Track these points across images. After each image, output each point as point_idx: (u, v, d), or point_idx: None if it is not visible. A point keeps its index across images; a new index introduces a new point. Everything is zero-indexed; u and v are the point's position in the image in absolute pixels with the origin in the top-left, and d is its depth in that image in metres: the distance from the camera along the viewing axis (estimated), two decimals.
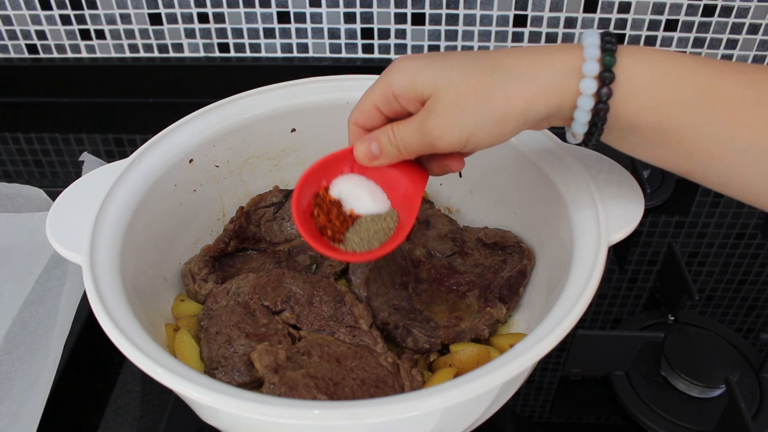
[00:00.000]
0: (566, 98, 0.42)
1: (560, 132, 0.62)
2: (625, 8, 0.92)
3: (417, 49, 0.99)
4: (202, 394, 0.42)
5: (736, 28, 0.93)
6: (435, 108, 0.44)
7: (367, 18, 0.96)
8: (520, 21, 0.94)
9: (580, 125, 0.43)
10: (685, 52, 0.97)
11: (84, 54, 1.03)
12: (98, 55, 1.03)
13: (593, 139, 0.44)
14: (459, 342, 0.59)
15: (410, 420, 0.44)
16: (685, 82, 0.41)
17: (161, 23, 0.98)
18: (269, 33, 0.99)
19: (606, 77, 0.41)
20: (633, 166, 0.82)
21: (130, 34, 1.00)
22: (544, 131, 0.62)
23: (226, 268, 0.65)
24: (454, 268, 0.65)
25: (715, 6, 0.90)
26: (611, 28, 0.96)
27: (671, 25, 0.94)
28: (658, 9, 0.92)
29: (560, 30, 0.95)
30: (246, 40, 1.00)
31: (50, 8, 0.97)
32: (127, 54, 1.02)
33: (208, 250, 0.64)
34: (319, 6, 0.95)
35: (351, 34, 0.98)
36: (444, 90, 0.43)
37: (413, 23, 0.96)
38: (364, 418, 0.41)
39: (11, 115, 1.05)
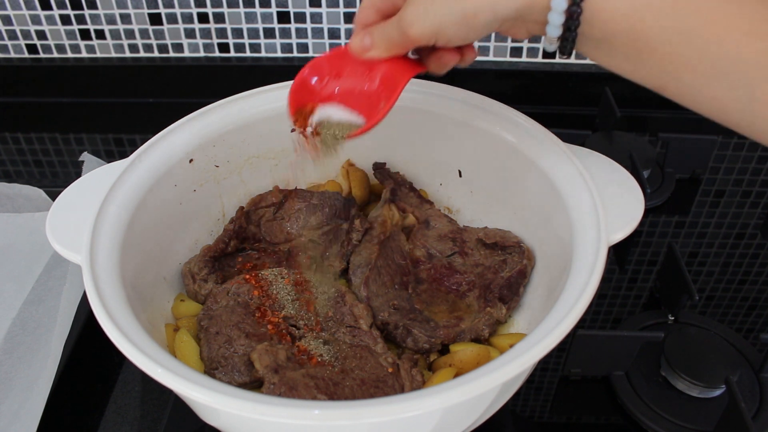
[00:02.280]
0: None
1: (561, 132, 0.62)
2: None
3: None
4: (202, 394, 0.42)
5: None
6: (409, 0, 0.46)
7: None
8: None
9: (554, 28, 0.43)
10: None
11: (84, 54, 1.03)
12: (98, 55, 1.03)
13: (568, 45, 0.44)
14: (459, 342, 0.59)
15: (410, 420, 0.44)
16: None
17: (161, 23, 0.98)
18: (269, 33, 0.99)
19: None
20: (633, 166, 0.82)
21: (130, 34, 1.00)
22: (544, 131, 0.62)
23: (226, 268, 0.65)
24: (454, 268, 0.65)
25: None
26: None
27: None
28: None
29: None
30: (246, 40, 1.00)
31: (50, 8, 0.97)
32: (127, 54, 1.02)
33: (208, 250, 0.64)
34: (319, 6, 0.95)
35: (351, 34, 0.98)
36: None
37: None
38: (364, 418, 0.41)
39: (11, 115, 1.05)
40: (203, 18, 0.98)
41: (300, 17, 0.97)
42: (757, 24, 0.38)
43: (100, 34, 1.00)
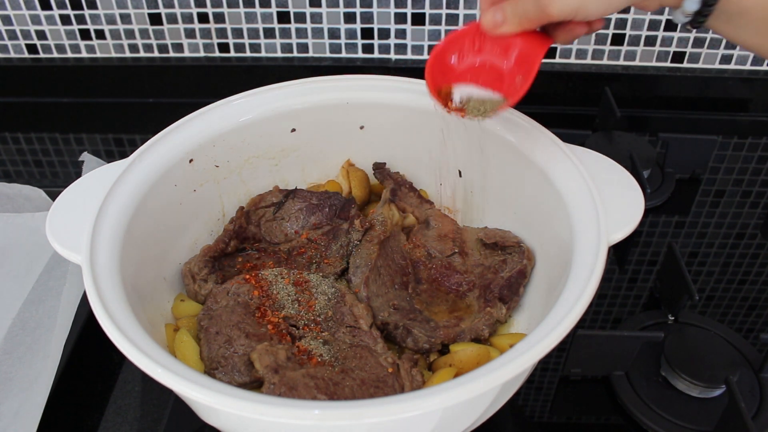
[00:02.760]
0: None
1: (561, 132, 0.62)
2: (624, 9, 0.92)
3: (417, 48, 0.99)
4: (202, 394, 0.42)
5: None
6: None
7: (367, 18, 0.96)
8: None
9: (692, 2, 0.44)
10: (685, 53, 0.97)
11: (84, 54, 1.03)
12: (98, 55, 1.03)
13: (702, 18, 0.45)
14: (459, 342, 0.59)
15: (410, 420, 0.44)
16: None
17: (161, 23, 0.98)
18: (269, 33, 0.99)
19: None
20: (633, 166, 0.82)
21: (130, 34, 1.00)
22: (544, 131, 0.62)
23: (226, 268, 0.65)
24: (454, 268, 0.65)
25: None
26: (611, 28, 0.96)
27: (671, 26, 0.94)
28: (659, 9, 0.91)
29: None
30: (246, 40, 1.00)
31: (50, 8, 0.97)
32: (127, 54, 1.02)
33: (208, 250, 0.64)
34: (319, 6, 0.95)
35: (351, 34, 0.98)
36: None
37: (413, 23, 0.96)
38: (364, 418, 0.41)
39: (11, 115, 1.05)
40: (203, 18, 0.98)
41: (300, 17, 0.97)
42: None
43: (100, 34, 1.00)
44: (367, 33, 0.98)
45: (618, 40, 0.97)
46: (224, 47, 1.01)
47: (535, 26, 0.51)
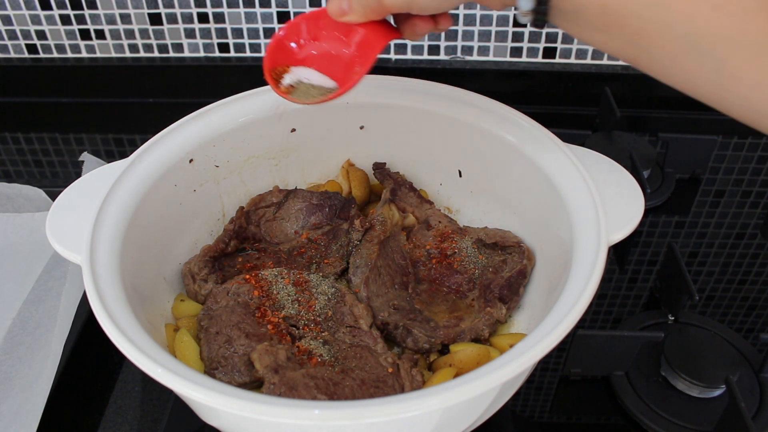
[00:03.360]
0: None
1: (561, 132, 0.62)
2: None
3: (417, 48, 0.99)
4: (202, 394, 0.42)
5: None
6: None
7: None
8: None
9: (527, 1, 0.44)
10: None
11: (84, 54, 1.03)
12: (98, 55, 1.03)
13: (541, 17, 0.45)
14: (459, 342, 0.59)
15: (410, 420, 0.44)
16: None
17: (161, 23, 0.98)
18: (269, 33, 0.99)
19: None
20: (633, 166, 0.82)
21: (130, 34, 1.00)
22: (544, 131, 0.62)
23: (226, 268, 0.65)
24: (454, 268, 0.65)
25: None
26: None
27: None
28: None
29: (560, 30, 0.95)
30: (246, 40, 1.00)
31: (50, 8, 0.97)
32: (127, 54, 1.02)
33: (208, 250, 0.64)
34: (319, 6, 0.95)
35: None
36: None
37: None
38: (364, 418, 0.41)
39: (11, 115, 1.05)
40: (203, 18, 0.98)
41: None
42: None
43: (100, 34, 1.00)
44: None
45: None
46: (224, 47, 1.01)
47: (379, 17, 0.50)
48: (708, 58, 0.39)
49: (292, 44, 0.56)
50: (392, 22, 0.54)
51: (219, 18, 0.97)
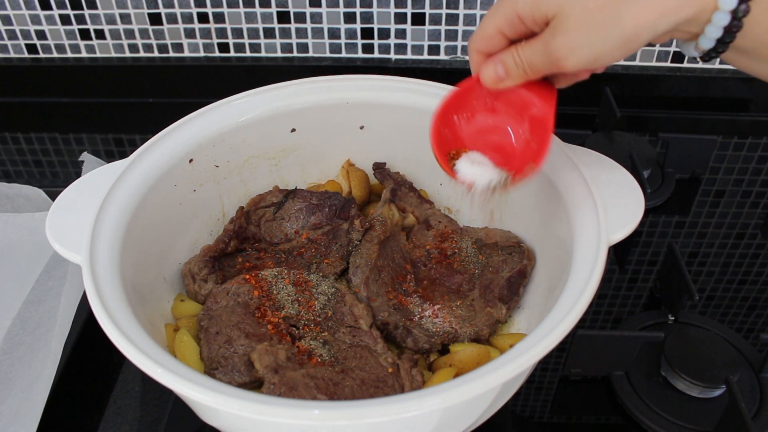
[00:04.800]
0: (700, 12, 0.41)
1: (561, 132, 0.62)
2: None
3: (417, 49, 0.99)
4: (202, 394, 0.42)
5: None
6: (560, 27, 0.43)
7: (367, 18, 0.96)
8: None
9: (708, 41, 0.43)
10: None
11: (84, 54, 1.03)
12: (98, 55, 1.03)
13: (715, 54, 0.44)
14: (459, 342, 0.59)
15: (410, 420, 0.44)
16: None
17: (161, 23, 0.98)
18: (269, 33, 0.99)
19: None
20: (633, 166, 0.82)
21: (130, 34, 1.00)
22: None
23: (226, 268, 0.65)
24: (454, 268, 0.65)
25: None
26: None
27: None
28: None
29: None
30: (246, 40, 1.00)
31: (50, 8, 0.97)
32: (127, 54, 1.02)
33: (208, 250, 0.64)
34: (319, 6, 0.95)
35: (351, 34, 0.98)
36: (570, 8, 0.42)
37: (413, 23, 0.96)
38: (364, 418, 0.41)
39: (11, 115, 1.05)
40: (203, 18, 0.98)
41: (300, 17, 0.97)
42: None
43: (100, 34, 1.00)
44: (367, 33, 0.98)
45: None
46: (224, 47, 1.01)
47: (540, 77, 0.48)
48: None
49: (456, 119, 0.53)
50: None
51: (219, 18, 0.97)
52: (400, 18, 0.96)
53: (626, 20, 0.41)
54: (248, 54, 1.02)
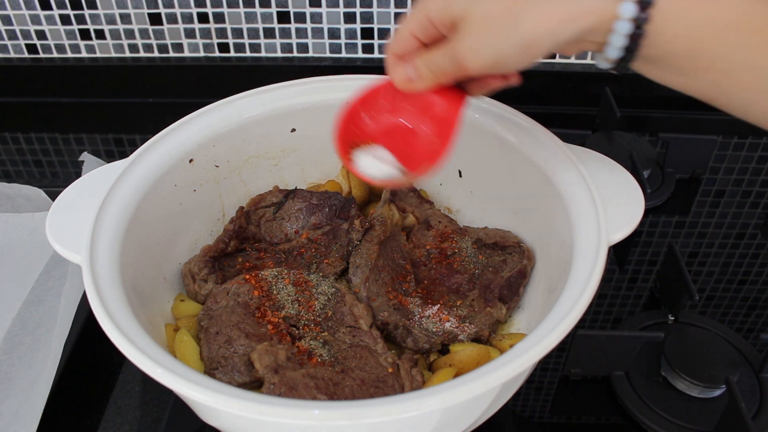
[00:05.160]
0: (601, 21, 0.42)
1: (560, 132, 0.62)
2: None
3: None
4: (202, 394, 0.42)
5: None
6: (465, 30, 0.44)
7: (367, 18, 0.96)
8: None
9: (614, 50, 0.43)
10: None
11: (84, 54, 1.03)
12: (98, 55, 1.03)
13: (625, 64, 0.44)
14: (459, 342, 0.59)
15: (410, 420, 0.44)
16: (721, 9, 0.40)
17: (161, 23, 0.98)
18: (269, 33, 0.99)
19: (645, 1, 0.40)
20: (633, 166, 0.82)
21: (130, 34, 1.00)
22: (544, 131, 0.62)
23: (226, 268, 0.65)
24: (454, 268, 0.65)
25: None
26: None
27: None
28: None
29: None
30: (246, 40, 1.00)
31: (50, 8, 0.97)
32: (127, 54, 1.02)
33: (208, 250, 0.64)
34: (319, 6, 0.95)
35: (351, 34, 0.98)
36: (474, 11, 0.43)
37: None
38: (364, 418, 0.41)
39: (11, 115, 1.05)
40: (203, 18, 0.98)
41: (300, 17, 0.97)
42: None
43: (100, 34, 1.00)
44: (367, 33, 0.98)
45: None
46: (224, 47, 1.01)
47: (452, 81, 0.48)
48: None
49: (364, 116, 0.54)
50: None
51: (219, 18, 0.97)
52: (401, 18, 0.96)
53: (526, 26, 0.42)
54: (248, 54, 1.02)
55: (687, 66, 0.42)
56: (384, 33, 0.98)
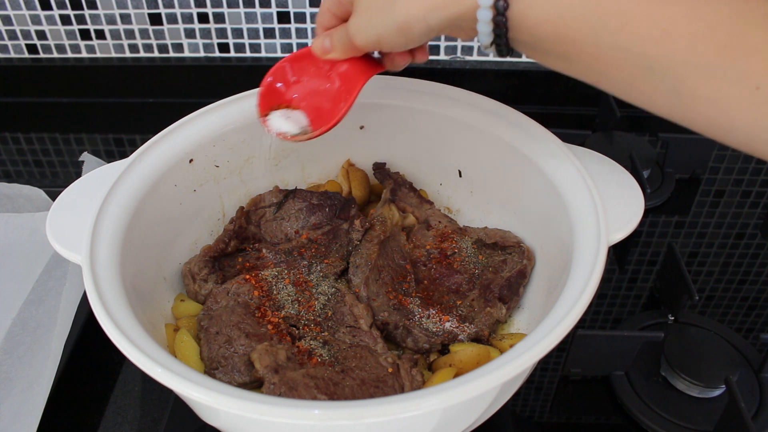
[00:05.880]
0: (467, 10, 0.44)
1: (561, 132, 0.62)
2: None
3: None
4: (202, 394, 0.42)
5: None
6: (355, 10, 0.49)
7: None
8: None
9: (484, 36, 0.45)
10: None
11: (84, 54, 1.03)
12: (98, 55, 1.03)
13: (502, 49, 0.46)
14: (459, 342, 0.59)
15: (410, 420, 0.44)
16: None
17: (161, 23, 0.98)
18: (269, 33, 0.99)
19: None
20: (633, 166, 0.82)
21: (130, 34, 1.00)
22: (544, 131, 0.62)
23: (226, 268, 0.65)
24: (454, 268, 0.65)
25: None
26: None
27: None
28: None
29: None
30: (246, 40, 1.00)
31: (50, 8, 0.97)
32: (127, 54, 1.02)
33: (208, 250, 0.64)
34: (319, 6, 0.95)
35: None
36: None
37: None
38: (364, 418, 0.41)
39: (11, 115, 1.05)
40: (203, 18, 0.98)
41: (300, 17, 0.97)
42: (678, 22, 0.39)
43: (100, 34, 1.00)
44: None
45: None
46: (224, 47, 1.01)
47: (358, 54, 0.53)
48: (664, 79, 0.40)
49: (279, 85, 0.58)
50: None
51: (219, 18, 0.97)
52: None
53: (399, 9, 0.46)
54: (248, 54, 1.02)
55: (560, 51, 0.43)
56: None
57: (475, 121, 0.65)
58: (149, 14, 0.97)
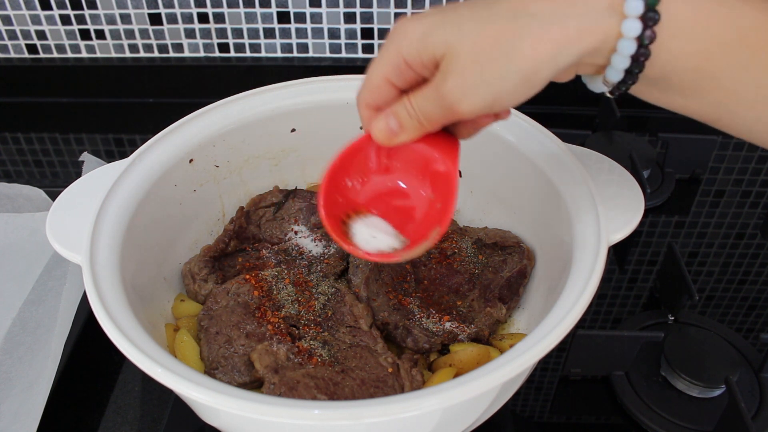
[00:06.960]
0: (604, 41, 0.37)
1: (561, 132, 0.62)
2: None
3: None
4: (202, 394, 0.42)
5: None
6: (450, 68, 0.38)
7: (367, 18, 0.96)
8: None
9: (615, 72, 0.39)
10: None
11: (84, 54, 1.03)
12: (98, 55, 1.03)
13: (625, 87, 0.40)
14: (459, 342, 0.59)
15: (410, 420, 0.44)
16: (729, 24, 0.37)
17: (161, 23, 0.98)
18: (269, 33, 0.99)
19: (650, 18, 0.36)
20: (633, 166, 0.82)
21: (130, 34, 1.00)
22: (544, 131, 0.62)
23: (226, 268, 0.65)
24: (454, 268, 0.65)
25: None
26: None
27: None
28: None
29: None
30: (246, 40, 1.00)
31: (50, 8, 0.97)
32: (127, 54, 1.02)
33: (208, 250, 0.64)
34: (319, 6, 0.95)
35: (351, 34, 0.98)
36: (459, 46, 0.38)
37: None
38: (364, 418, 0.41)
39: (11, 115, 1.05)
40: (203, 18, 0.98)
41: (300, 17, 0.97)
42: None
43: (100, 34, 1.00)
44: (367, 33, 0.98)
45: None
46: (224, 47, 1.01)
47: (438, 128, 0.42)
48: None
49: (350, 183, 0.46)
50: None
51: (219, 18, 0.97)
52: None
53: (522, 54, 0.37)
54: (248, 54, 1.02)
55: (691, 86, 0.39)
56: (384, 33, 0.98)
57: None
58: (149, 14, 0.97)
